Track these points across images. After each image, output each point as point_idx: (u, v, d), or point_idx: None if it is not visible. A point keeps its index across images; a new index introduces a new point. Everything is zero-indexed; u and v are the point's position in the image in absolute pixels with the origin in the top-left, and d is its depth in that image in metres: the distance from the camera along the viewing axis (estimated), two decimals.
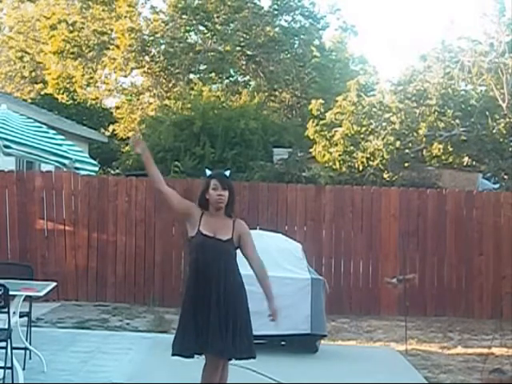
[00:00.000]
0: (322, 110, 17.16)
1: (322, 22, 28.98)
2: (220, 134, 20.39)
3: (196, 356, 5.69)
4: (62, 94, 27.44)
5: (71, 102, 27.11)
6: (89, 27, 27.48)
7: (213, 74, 26.20)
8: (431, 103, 15.94)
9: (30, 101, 24.28)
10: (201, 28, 27.40)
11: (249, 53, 27.05)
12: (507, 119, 15.58)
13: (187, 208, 5.77)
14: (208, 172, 5.86)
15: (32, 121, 8.85)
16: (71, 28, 27.15)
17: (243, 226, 5.78)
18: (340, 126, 16.35)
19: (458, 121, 15.73)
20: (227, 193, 5.68)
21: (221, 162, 20.01)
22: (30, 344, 7.44)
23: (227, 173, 5.87)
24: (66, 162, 8.04)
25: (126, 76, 27.96)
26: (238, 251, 5.75)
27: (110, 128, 26.84)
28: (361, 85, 17.41)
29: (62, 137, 8.94)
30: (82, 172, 9.37)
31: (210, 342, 5.50)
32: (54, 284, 7.77)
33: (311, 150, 17.04)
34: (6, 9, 32.24)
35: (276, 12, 28.02)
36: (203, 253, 5.60)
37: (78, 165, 8.30)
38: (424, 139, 15.96)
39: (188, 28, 26.98)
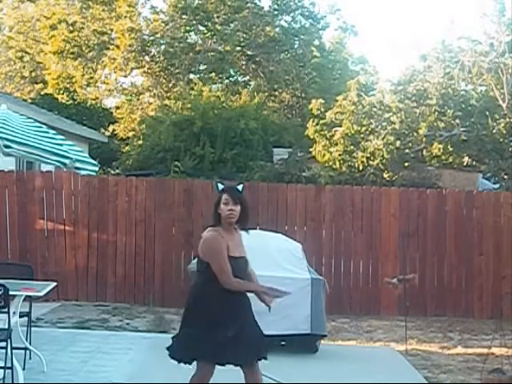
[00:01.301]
0: (322, 110, 17.16)
1: (321, 22, 29.01)
2: (220, 134, 20.40)
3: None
4: (62, 94, 27.44)
5: (71, 102, 27.10)
6: (89, 27, 27.49)
7: (213, 74, 26.20)
8: (431, 103, 15.94)
9: (30, 101, 24.27)
10: (201, 28, 27.40)
11: (249, 53, 27.05)
12: (507, 119, 15.58)
13: (225, 251, 5.57)
14: (220, 186, 5.69)
15: (32, 121, 8.83)
16: (71, 28, 27.16)
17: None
18: (340, 126, 16.34)
19: (458, 121, 15.73)
20: (239, 207, 5.58)
21: (221, 162, 20.03)
22: (30, 344, 7.44)
23: (240, 187, 5.73)
24: (67, 161, 8.03)
25: (126, 76, 27.98)
26: None
27: (110, 128, 26.83)
28: (361, 84, 17.42)
29: (62, 137, 8.93)
30: (82, 172, 9.37)
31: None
32: (54, 284, 7.77)
33: (311, 150, 17.04)
34: (6, 9, 32.24)
35: (276, 12, 28.04)
36: (237, 274, 5.56)
37: (78, 165, 8.29)
38: (424, 139, 15.97)
39: (188, 28, 26.98)
